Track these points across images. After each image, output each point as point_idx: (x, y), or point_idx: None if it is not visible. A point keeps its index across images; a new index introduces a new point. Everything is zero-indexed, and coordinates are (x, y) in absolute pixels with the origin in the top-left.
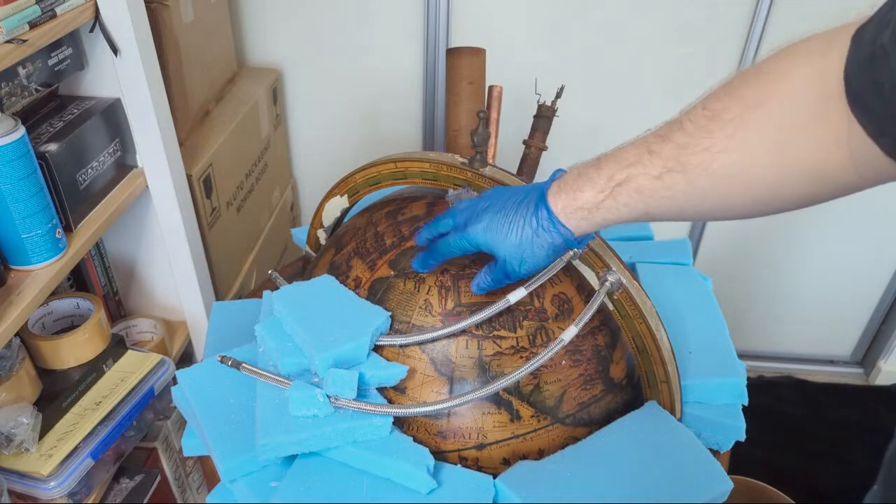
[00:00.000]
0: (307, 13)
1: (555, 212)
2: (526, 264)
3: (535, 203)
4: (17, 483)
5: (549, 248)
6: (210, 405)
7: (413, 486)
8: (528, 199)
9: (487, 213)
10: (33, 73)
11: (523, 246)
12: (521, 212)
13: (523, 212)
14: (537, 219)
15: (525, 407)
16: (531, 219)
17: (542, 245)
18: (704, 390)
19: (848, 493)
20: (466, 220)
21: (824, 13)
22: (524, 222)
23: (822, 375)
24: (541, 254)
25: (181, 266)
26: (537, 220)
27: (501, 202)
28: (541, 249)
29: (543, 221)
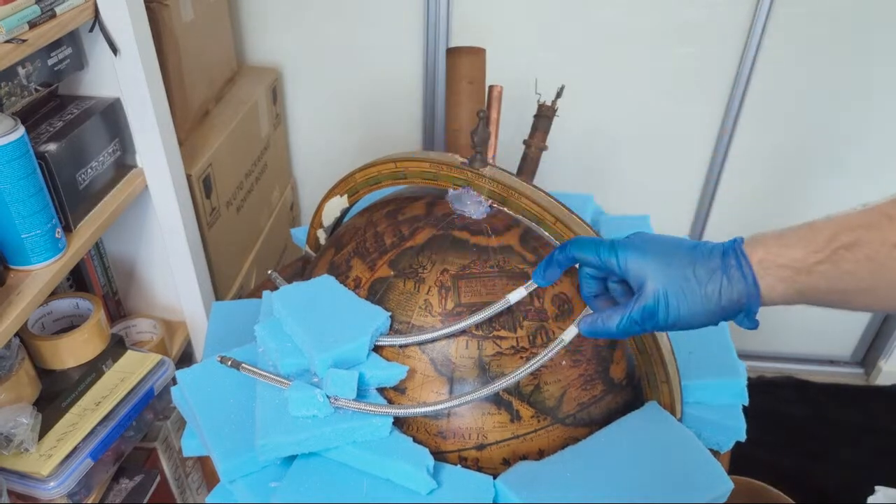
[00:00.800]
0: (307, 13)
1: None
2: (681, 309)
3: (724, 248)
4: (17, 483)
5: (722, 300)
6: (210, 405)
7: (413, 486)
8: (713, 245)
9: (649, 235)
10: (33, 72)
11: (689, 283)
12: (699, 249)
13: (702, 249)
14: (724, 259)
15: (525, 407)
16: (716, 257)
17: (713, 292)
18: (704, 390)
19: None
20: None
21: (824, 13)
22: (701, 258)
23: (822, 375)
24: (706, 304)
25: (181, 266)
26: (723, 260)
27: (674, 239)
28: (710, 298)
29: (730, 266)
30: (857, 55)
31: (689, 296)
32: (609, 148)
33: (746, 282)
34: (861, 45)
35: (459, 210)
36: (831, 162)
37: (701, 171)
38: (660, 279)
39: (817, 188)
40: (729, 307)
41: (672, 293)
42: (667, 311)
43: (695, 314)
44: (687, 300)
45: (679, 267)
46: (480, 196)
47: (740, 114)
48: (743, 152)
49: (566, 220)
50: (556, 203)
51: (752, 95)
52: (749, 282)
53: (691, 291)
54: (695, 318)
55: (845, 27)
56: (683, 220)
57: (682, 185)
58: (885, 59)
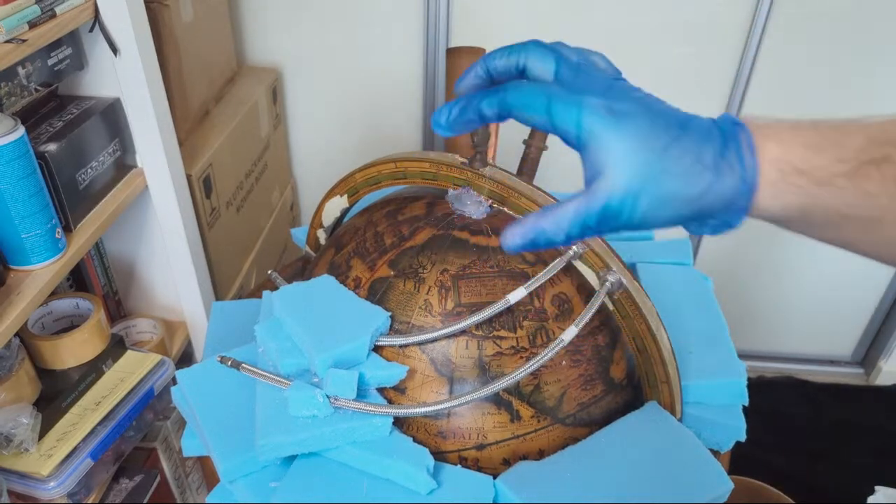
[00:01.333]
0: (307, 13)
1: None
2: (654, 208)
3: (723, 131)
4: (17, 483)
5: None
6: (210, 405)
7: (413, 486)
8: (710, 120)
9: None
10: (33, 72)
11: (671, 181)
12: (693, 124)
13: (697, 132)
14: (724, 149)
15: (525, 407)
16: (711, 144)
17: (697, 195)
18: (704, 390)
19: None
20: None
21: (825, 13)
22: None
23: (822, 375)
24: (683, 207)
25: (181, 266)
26: (723, 151)
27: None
28: (689, 202)
29: (731, 146)
30: (857, 55)
31: (668, 198)
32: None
33: (745, 176)
34: (861, 44)
35: (459, 210)
36: None
37: None
38: (634, 170)
39: None
40: (708, 202)
41: (647, 194)
42: (632, 213)
43: (667, 219)
44: (664, 204)
45: (660, 155)
46: (480, 196)
47: (740, 114)
48: None
49: None
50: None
51: (751, 95)
52: (748, 177)
53: (672, 193)
54: (665, 222)
55: (845, 27)
56: None
57: None
58: (885, 59)
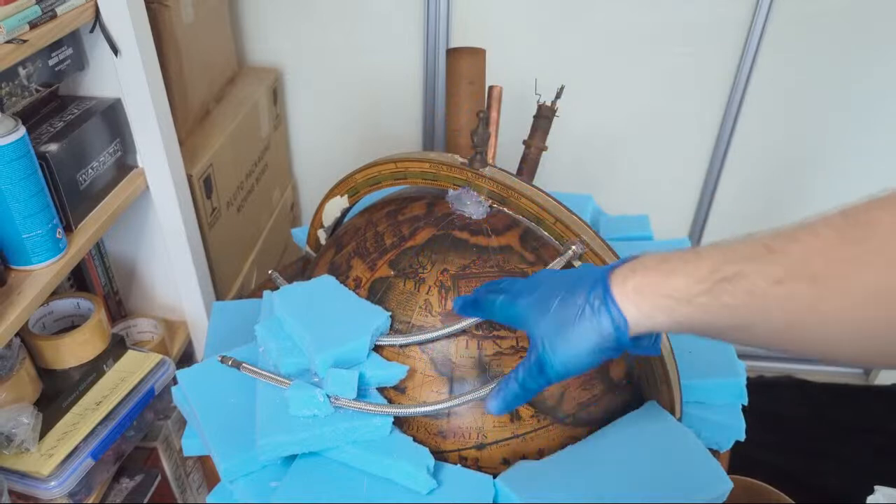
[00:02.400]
0: (307, 13)
1: (614, 291)
2: (560, 354)
3: (595, 278)
4: (18, 483)
5: (594, 337)
6: (210, 405)
7: (413, 486)
8: (591, 275)
9: (542, 284)
10: (34, 73)
11: (563, 327)
12: (575, 286)
13: (577, 285)
14: (588, 295)
15: (525, 407)
16: (582, 293)
17: (584, 331)
18: (704, 390)
19: (848, 493)
20: (520, 286)
21: (824, 13)
22: (573, 296)
23: (822, 375)
24: (581, 344)
25: (181, 266)
26: (588, 297)
27: (561, 276)
28: (582, 337)
29: (595, 299)
30: (857, 55)
31: (563, 340)
32: (609, 148)
33: (611, 316)
34: (861, 44)
35: (459, 210)
36: (831, 162)
37: (700, 171)
38: (538, 327)
39: (817, 188)
40: (606, 343)
41: (549, 339)
42: (551, 361)
43: (579, 357)
44: (564, 345)
45: (555, 310)
46: (480, 196)
47: (740, 114)
48: (742, 152)
49: (566, 220)
50: (555, 203)
51: (751, 96)
52: (614, 314)
53: (565, 334)
54: (581, 360)
55: (845, 27)
56: (683, 219)
57: (681, 184)
58: (885, 59)
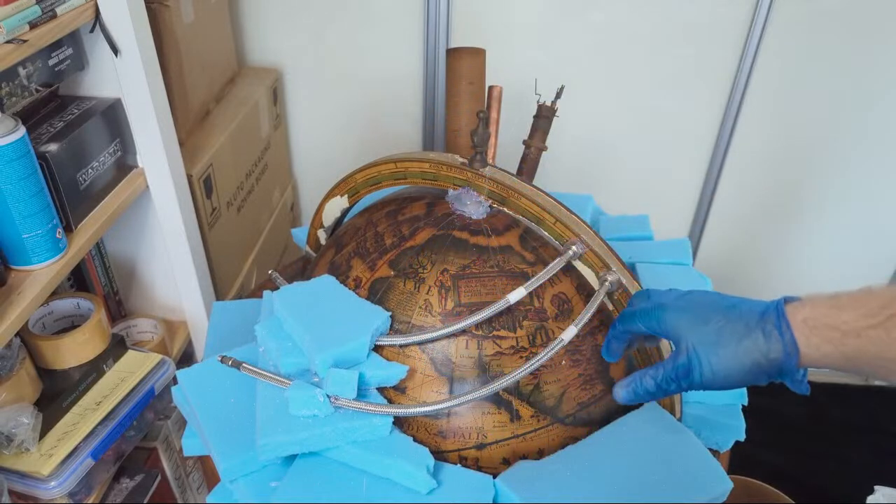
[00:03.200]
0: (307, 13)
1: (791, 320)
2: (714, 364)
3: (766, 306)
4: (18, 483)
5: (758, 357)
6: (210, 405)
7: (413, 485)
8: (756, 303)
9: (694, 294)
10: (33, 73)
11: (724, 340)
12: (739, 307)
13: (743, 307)
14: (761, 318)
15: (525, 407)
16: (753, 316)
17: (750, 350)
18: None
19: (848, 493)
20: (673, 296)
21: (825, 13)
22: (740, 315)
23: (822, 375)
24: (742, 361)
25: (181, 266)
26: (760, 319)
27: (719, 296)
28: (746, 355)
29: (768, 323)
30: (857, 55)
31: (721, 351)
32: (609, 148)
33: (783, 340)
34: (861, 44)
35: (459, 210)
36: (831, 162)
37: (700, 171)
38: (693, 336)
39: (817, 188)
40: (766, 366)
41: (703, 348)
42: (700, 367)
43: (730, 370)
44: (719, 356)
45: (715, 323)
46: (480, 196)
47: (740, 114)
48: (742, 152)
49: (566, 220)
50: (555, 203)
51: (751, 96)
52: (786, 340)
53: (724, 347)
54: (731, 374)
55: (845, 27)
56: (683, 220)
57: (681, 185)
58: (885, 59)
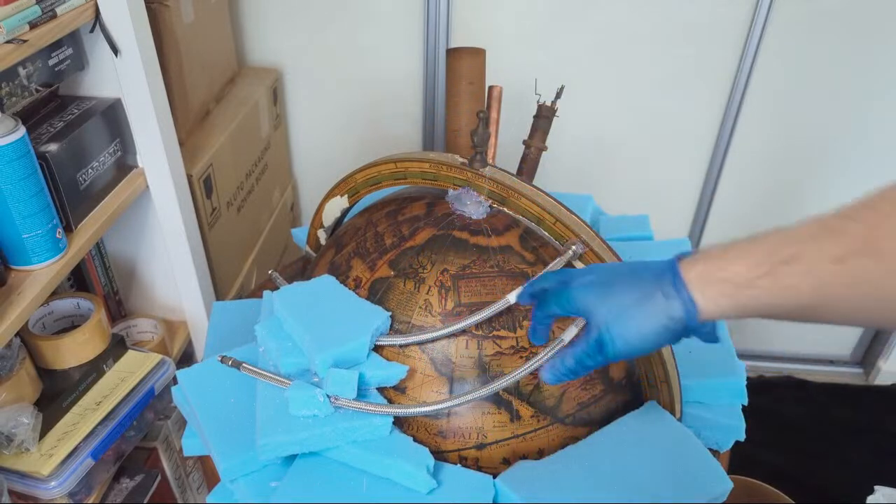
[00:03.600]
0: (307, 13)
1: (685, 277)
2: (627, 338)
3: (661, 267)
4: (18, 483)
5: (663, 319)
6: (210, 405)
7: (413, 485)
8: (653, 265)
9: (598, 269)
10: (33, 73)
11: (629, 310)
12: (639, 272)
13: (642, 272)
14: (659, 281)
15: (525, 407)
16: (650, 280)
17: (653, 314)
18: (704, 390)
19: (848, 493)
20: (575, 273)
21: (825, 13)
22: (639, 281)
23: (821, 375)
24: (649, 327)
25: (181, 266)
26: (659, 282)
27: (619, 265)
28: (651, 320)
29: (666, 285)
30: (857, 55)
31: (629, 322)
32: (609, 148)
33: (682, 299)
34: (860, 44)
35: (459, 210)
36: (831, 161)
37: (700, 171)
38: (600, 311)
39: (817, 187)
40: (673, 326)
41: (612, 321)
42: (612, 342)
43: (641, 338)
44: (627, 326)
45: (618, 294)
46: (480, 196)
47: (740, 114)
48: (742, 152)
49: (566, 220)
50: (555, 203)
51: (751, 95)
52: (684, 298)
53: (630, 317)
54: (643, 341)
55: (845, 27)
56: (683, 219)
57: (681, 185)
58: (885, 59)
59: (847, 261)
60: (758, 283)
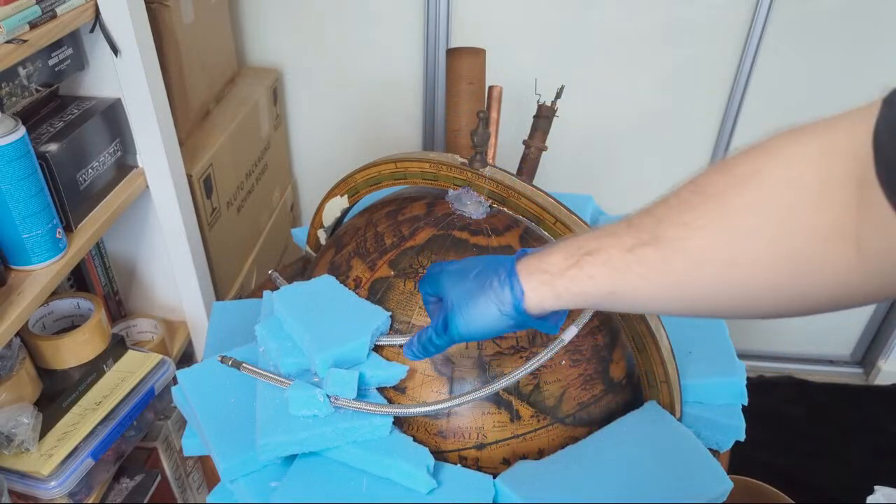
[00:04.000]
0: (307, 13)
1: (517, 269)
2: (468, 320)
3: (504, 260)
4: (18, 483)
5: (497, 305)
6: (210, 405)
7: (413, 485)
8: (501, 259)
9: (468, 260)
10: (34, 73)
11: (471, 295)
12: (489, 264)
13: (491, 264)
14: (496, 271)
15: (525, 407)
16: (493, 270)
17: (489, 300)
18: (704, 390)
19: (848, 493)
20: (448, 263)
21: (824, 13)
22: (486, 271)
23: (821, 375)
24: (486, 312)
25: (181, 266)
26: (496, 272)
27: (484, 258)
28: (487, 305)
29: (502, 273)
30: (857, 55)
31: (471, 304)
32: (609, 148)
33: (511, 287)
34: (860, 45)
35: (459, 210)
36: None
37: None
38: (452, 293)
39: None
40: (507, 311)
41: (458, 303)
42: (455, 321)
43: (481, 321)
44: (469, 307)
45: (468, 281)
46: (480, 196)
47: (740, 114)
48: None
49: (566, 220)
50: (555, 203)
51: (751, 96)
52: (513, 287)
53: (473, 300)
54: (485, 326)
55: (845, 27)
56: None
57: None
58: (885, 59)
59: (635, 250)
60: (568, 273)
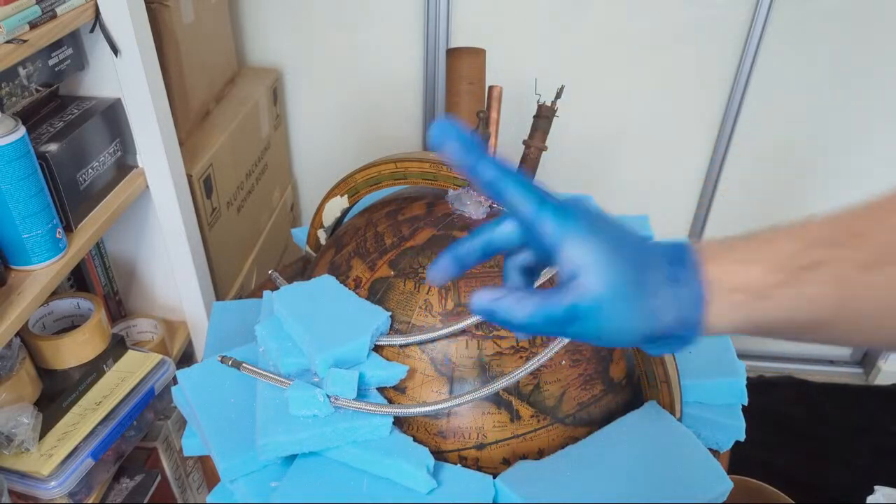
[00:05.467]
0: (307, 13)
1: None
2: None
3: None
4: (18, 483)
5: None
6: (210, 405)
7: (413, 485)
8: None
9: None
10: (33, 73)
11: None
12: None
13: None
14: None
15: (525, 407)
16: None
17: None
18: (704, 390)
19: (848, 493)
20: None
21: (824, 13)
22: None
23: (821, 375)
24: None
25: (181, 266)
26: (672, 271)
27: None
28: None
29: (681, 279)
30: (857, 55)
31: (633, 308)
32: (609, 148)
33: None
34: (861, 44)
35: (459, 210)
36: (831, 162)
37: (700, 172)
38: (605, 278)
39: (817, 188)
40: (664, 330)
41: (618, 300)
42: (599, 320)
43: (633, 330)
44: (629, 314)
45: (629, 267)
46: (480, 196)
47: (739, 114)
48: (742, 152)
49: None
50: None
51: (751, 96)
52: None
53: (638, 303)
54: (632, 334)
55: (845, 27)
56: (683, 219)
57: (681, 185)
58: (885, 59)
59: (875, 269)
60: (778, 292)
